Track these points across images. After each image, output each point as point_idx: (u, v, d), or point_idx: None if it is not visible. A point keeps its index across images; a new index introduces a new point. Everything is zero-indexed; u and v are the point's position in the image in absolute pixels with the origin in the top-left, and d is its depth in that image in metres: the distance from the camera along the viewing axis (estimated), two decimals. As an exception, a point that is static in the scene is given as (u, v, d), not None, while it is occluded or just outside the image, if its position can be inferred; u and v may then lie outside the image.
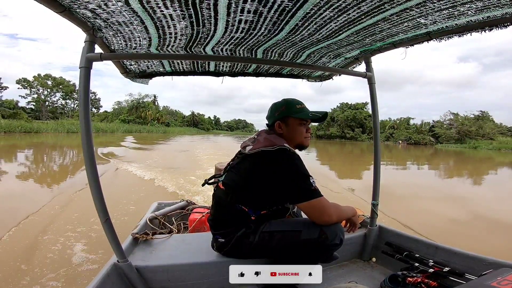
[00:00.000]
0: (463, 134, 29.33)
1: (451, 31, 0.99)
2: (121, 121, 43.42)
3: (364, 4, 0.78)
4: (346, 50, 1.27)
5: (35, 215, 3.43)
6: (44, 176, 6.65)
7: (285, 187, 1.10)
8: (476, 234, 3.60)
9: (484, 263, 1.17)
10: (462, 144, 29.21)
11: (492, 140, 28.82)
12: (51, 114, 42.10)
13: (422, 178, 9.09)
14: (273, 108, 1.28)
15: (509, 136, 31.02)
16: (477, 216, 4.44)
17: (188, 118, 69.79)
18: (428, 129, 35.60)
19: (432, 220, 4.02)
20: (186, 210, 2.04)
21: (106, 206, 1.04)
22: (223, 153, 11.95)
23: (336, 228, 1.13)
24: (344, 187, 6.09)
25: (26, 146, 14.04)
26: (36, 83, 42.09)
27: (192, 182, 5.53)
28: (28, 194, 4.81)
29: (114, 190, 4.83)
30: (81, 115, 0.99)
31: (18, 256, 2.35)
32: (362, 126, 40.37)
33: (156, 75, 1.61)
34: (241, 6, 0.79)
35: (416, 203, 5.26)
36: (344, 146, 25.64)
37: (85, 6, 0.77)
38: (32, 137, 20.51)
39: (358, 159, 13.83)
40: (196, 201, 2.73)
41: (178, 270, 1.21)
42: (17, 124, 24.96)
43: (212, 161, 7.34)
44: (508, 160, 16.76)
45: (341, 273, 1.43)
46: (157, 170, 6.89)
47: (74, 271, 2.11)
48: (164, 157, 10.56)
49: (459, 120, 31.32)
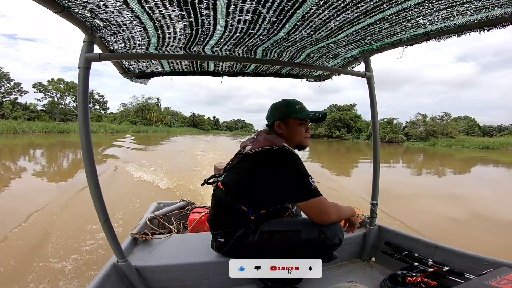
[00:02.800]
0: (428, 133, 32.93)
1: (450, 31, 1.00)
2: (129, 122, 47.71)
3: (363, 4, 0.78)
4: (345, 49, 1.27)
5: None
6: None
7: (284, 186, 1.10)
8: (390, 199, 4.81)
9: (484, 263, 1.17)
10: (424, 142, 32.79)
11: (452, 138, 32.48)
12: (63, 116, 44.54)
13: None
14: (273, 108, 1.28)
15: (480, 135, 35.19)
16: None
17: (189, 119, 72.37)
18: (402, 128, 39.42)
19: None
20: (185, 210, 2.04)
21: (105, 206, 1.04)
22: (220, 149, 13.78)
23: (336, 227, 1.13)
24: (333, 178, 7.11)
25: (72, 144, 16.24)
26: (50, 87, 44.78)
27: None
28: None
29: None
30: (80, 115, 0.99)
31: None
32: (347, 126, 43.71)
33: (155, 75, 1.61)
34: (240, 6, 0.78)
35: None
36: (331, 144, 28.50)
37: (84, 6, 0.77)
38: (67, 136, 23.82)
39: (344, 155, 16.15)
40: (200, 201, 2.76)
41: (177, 270, 1.21)
42: (53, 125, 29.92)
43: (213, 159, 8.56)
44: (448, 153, 21.71)
45: (341, 273, 1.43)
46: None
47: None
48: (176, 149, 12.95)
49: (426, 121, 35.72)
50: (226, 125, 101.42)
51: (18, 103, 38.03)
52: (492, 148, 26.95)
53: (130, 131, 37.93)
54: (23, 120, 29.55)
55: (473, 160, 16.17)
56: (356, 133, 43.37)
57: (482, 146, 27.89)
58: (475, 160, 15.82)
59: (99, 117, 48.77)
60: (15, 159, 9.31)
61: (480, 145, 28.35)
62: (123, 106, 56.54)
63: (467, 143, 29.55)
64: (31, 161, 9.09)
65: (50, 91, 44.71)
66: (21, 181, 5.75)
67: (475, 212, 4.40)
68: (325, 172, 8.33)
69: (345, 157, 15.01)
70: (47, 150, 12.65)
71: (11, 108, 34.82)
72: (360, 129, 43.72)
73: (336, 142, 34.63)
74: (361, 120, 45.60)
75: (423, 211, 4.37)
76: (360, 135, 42.38)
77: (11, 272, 2.08)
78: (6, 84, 36.89)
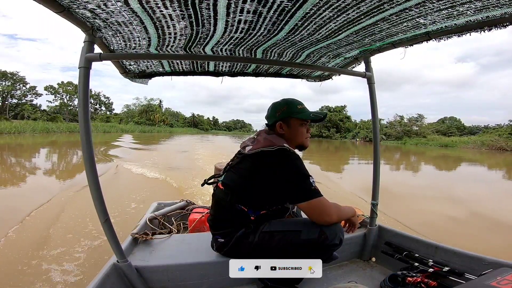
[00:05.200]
0: (403, 133, 36.18)
1: (450, 31, 1.00)
2: (135, 123, 51.63)
3: (364, 4, 0.78)
4: (345, 50, 1.27)
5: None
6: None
7: (284, 187, 1.09)
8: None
9: (484, 263, 1.17)
10: (398, 141, 35.82)
11: (424, 137, 35.33)
12: (71, 116, 46.85)
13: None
14: (274, 108, 1.27)
15: (457, 135, 38.69)
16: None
17: (189, 119, 74.71)
18: (382, 129, 41.80)
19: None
20: (185, 210, 2.03)
21: (105, 206, 1.04)
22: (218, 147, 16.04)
23: (336, 228, 1.13)
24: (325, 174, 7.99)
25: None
26: (61, 89, 47.64)
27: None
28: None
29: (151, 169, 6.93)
30: (80, 114, 0.98)
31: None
32: (337, 127, 47.23)
33: (156, 75, 1.61)
34: (241, 6, 0.78)
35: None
36: (321, 143, 30.77)
37: (84, 6, 0.77)
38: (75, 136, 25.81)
39: (334, 153, 17.55)
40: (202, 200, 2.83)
41: (178, 270, 1.20)
42: (74, 126, 32.94)
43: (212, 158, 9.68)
44: (409, 149, 24.58)
45: (341, 273, 1.43)
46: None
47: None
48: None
49: (401, 122, 39.20)
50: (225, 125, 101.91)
51: (35, 105, 42.93)
52: (449, 146, 29.83)
53: (136, 131, 42.01)
54: (43, 121, 32.52)
55: (418, 154, 19.61)
56: (345, 133, 46.18)
57: (442, 144, 31.07)
58: (419, 154, 19.24)
59: (108, 118, 51.14)
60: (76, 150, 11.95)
61: (441, 143, 31.53)
62: (127, 107, 60.32)
63: (432, 142, 32.31)
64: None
65: (60, 93, 47.47)
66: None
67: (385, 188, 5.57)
68: (316, 168, 9.14)
69: (334, 155, 16.43)
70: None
71: (31, 110, 39.18)
72: (348, 129, 46.42)
73: (325, 141, 37.36)
74: (351, 120, 48.84)
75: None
76: (347, 134, 45.33)
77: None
78: (22, 87, 40.79)
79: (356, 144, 33.57)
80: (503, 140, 25.79)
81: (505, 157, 18.38)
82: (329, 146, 25.93)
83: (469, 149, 26.73)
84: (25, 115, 36.89)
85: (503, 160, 15.93)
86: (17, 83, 39.74)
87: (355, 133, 42.96)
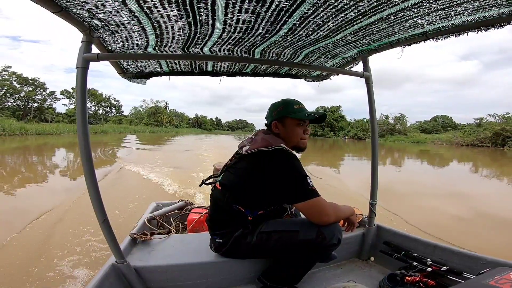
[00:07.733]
0: (386, 131, 38.70)
1: (448, 31, 1.00)
2: (144, 124, 54.78)
3: (361, 4, 0.78)
4: (343, 50, 1.27)
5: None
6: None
7: (282, 187, 1.09)
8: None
9: (482, 262, 1.18)
10: (381, 138, 36.92)
11: (405, 135, 38.05)
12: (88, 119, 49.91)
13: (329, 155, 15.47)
14: (272, 108, 1.27)
15: (442, 132, 41.32)
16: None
17: (193, 120, 77.65)
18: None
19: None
20: (184, 210, 2.03)
21: (104, 206, 1.04)
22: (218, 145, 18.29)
23: (334, 228, 1.12)
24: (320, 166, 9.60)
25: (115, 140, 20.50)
26: (75, 94, 49.54)
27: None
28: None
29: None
30: (78, 115, 0.98)
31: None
32: (330, 126, 50.40)
33: (154, 75, 1.61)
34: (239, 6, 0.78)
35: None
36: (316, 141, 32.89)
37: (82, 6, 0.77)
38: (106, 136, 28.55)
39: (328, 151, 19.07)
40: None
41: (176, 270, 1.20)
42: (97, 127, 37.34)
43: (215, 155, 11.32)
44: (385, 146, 26.46)
45: (340, 273, 1.44)
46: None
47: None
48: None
49: (385, 120, 41.80)
50: (228, 125, 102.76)
51: (54, 108, 45.90)
52: (421, 142, 32.67)
53: (147, 131, 45.95)
54: (64, 124, 35.46)
55: (388, 148, 22.18)
56: (338, 131, 48.78)
57: (415, 141, 33.93)
58: (388, 149, 21.71)
59: (120, 120, 53.08)
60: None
61: (414, 140, 34.41)
62: (135, 109, 64.26)
63: (407, 139, 35.16)
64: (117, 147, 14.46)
65: (74, 98, 47.64)
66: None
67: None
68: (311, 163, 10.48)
69: (328, 152, 18.31)
70: (113, 142, 17.93)
71: (53, 113, 43.17)
72: (342, 128, 48.86)
73: (320, 139, 39.99)
74: (345, 120, 51.63)
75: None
76: (340, 133, 47.93)
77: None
78: (43, 92, 43.29)
79: (345, 141, 36.54)
80: (460, 137, 29.78)
81: (453, 151, 21.41)
82: (320, 143, 28.19)
83: (435, 144, 29.54)
84: (49, 119, 39.64)
85: (445, 152, 19.65)
86: (37, 88, 42.09)
87: (347, 131, 45.61)
